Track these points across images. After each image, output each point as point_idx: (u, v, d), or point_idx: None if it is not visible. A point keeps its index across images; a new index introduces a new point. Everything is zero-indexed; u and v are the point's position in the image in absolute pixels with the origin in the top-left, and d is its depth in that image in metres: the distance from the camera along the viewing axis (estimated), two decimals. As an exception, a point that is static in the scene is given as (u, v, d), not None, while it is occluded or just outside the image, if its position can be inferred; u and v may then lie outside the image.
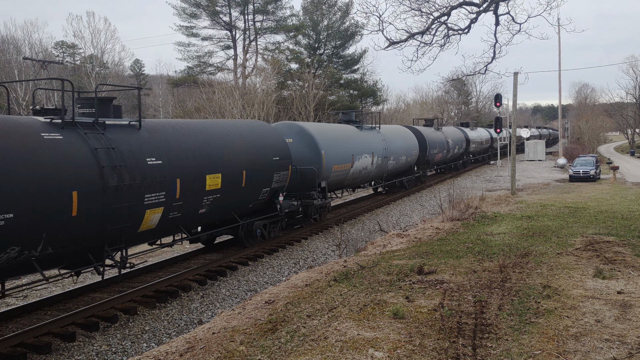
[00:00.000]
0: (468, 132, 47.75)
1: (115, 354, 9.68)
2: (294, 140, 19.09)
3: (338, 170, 20.87)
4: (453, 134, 42.13)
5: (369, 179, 26.00)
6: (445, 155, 38.78)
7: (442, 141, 37.63)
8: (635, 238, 14.42)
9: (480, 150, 53.97)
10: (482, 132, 55.27)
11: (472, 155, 49.94)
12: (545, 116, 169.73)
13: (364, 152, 23.25)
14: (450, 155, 40.85)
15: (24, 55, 46.68)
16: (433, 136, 35.67)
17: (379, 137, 25.86)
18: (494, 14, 15.25)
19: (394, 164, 27.72)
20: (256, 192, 15.76)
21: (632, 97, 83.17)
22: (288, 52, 57.68)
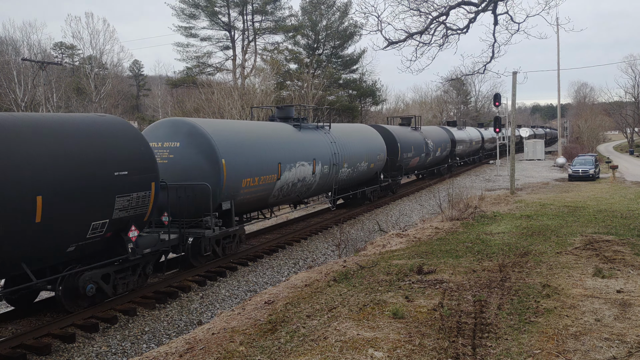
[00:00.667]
0: (454, 132, 42.96)
1: (115, 355, 9.67)
2: (181, 145, 14.14)
3: (253, 186, 15.54)
4: (434, 134, 36.83)
5: (312, 193, 20.35)
6: (424, 159, 33.45)
7: (420, 143, 32.32)
8: (635, 237, 14.43)
9: (469, 152, 49.12)
10: (471, 132, 50.36)
11: (459, 157, 44.97)
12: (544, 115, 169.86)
13: (300, 158, 17.96)
14: (432, 159, 35.76)
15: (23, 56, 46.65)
16: (408, 137, 30.53)
17: (325, 139, 20.39)
18: (493, 13, 15.27)
19: (350, 172, 22.41)
20: (76, 229, 9.94)
21: (630, 96, 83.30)
22: (287, 52, 57.73)
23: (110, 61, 59.10)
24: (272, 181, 16.48)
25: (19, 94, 44.18)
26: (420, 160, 32.92)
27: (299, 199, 20.00)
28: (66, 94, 49.86)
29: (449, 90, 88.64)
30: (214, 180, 13.93)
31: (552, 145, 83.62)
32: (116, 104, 54.97)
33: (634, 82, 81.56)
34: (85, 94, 52.05)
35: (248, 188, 15.43)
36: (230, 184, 14.51)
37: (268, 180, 16.27)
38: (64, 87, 50.20)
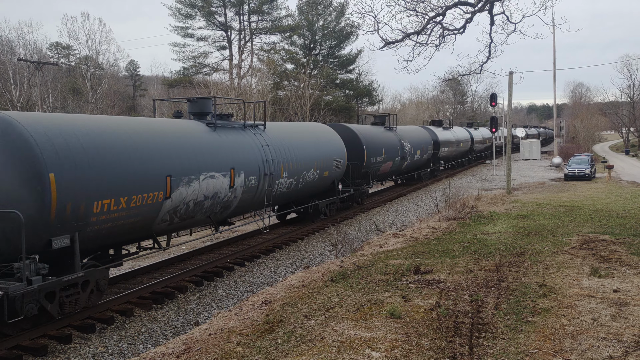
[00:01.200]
0: (438, 133, 38.73)
1: (111, 356, 9.65)
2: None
3: (118, 210, 10.71)
4: (413, 135, 32.57)
5: (234, 212, 15.57)
6: (398, 163, 28.95)
7: (393, 145, 28.03)
8: (631, 236, 14.48)
9: (456, 155, 44.84)
10: (459, 132, 46.36)
11: (443, 161, 41.13)
12: (540, 115, 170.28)
13: (209, 168, 13.32)
14: (409, 163, 31.37)
15: (19, 56, 46.49)
16: (379, 138, 26.45)
17: (254, 142, 15.87)
18: (489, 13, 15.31)
19: (292, 184, 17.88)
20: None
21: (626, 96, 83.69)
22: (283, 52, 57.76)
23: (106, 61, 59.02)
24: (156, 201, 11.62)
25: (15, 94, 44.03)
26: (395, 165, 28.59)
27: (218, 220, 15.22)
28: (62, 94, 49.71)
29: (446, 90, 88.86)
30: (31, 205, 9.23)
31: (548, 145, 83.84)
32: (112, 104, 54.85)
33: (629, 82, 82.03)
34: (81, 94, 51.92)
35: (108, 213, 10.52)
36: (69, 210, 9.69)
37: (148, 200, 11.39)
38: (60, 88, 50.06)
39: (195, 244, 17.75)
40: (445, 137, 40.28)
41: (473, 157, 53.16)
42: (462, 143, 46.03)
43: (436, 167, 38.51)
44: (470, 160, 51.82)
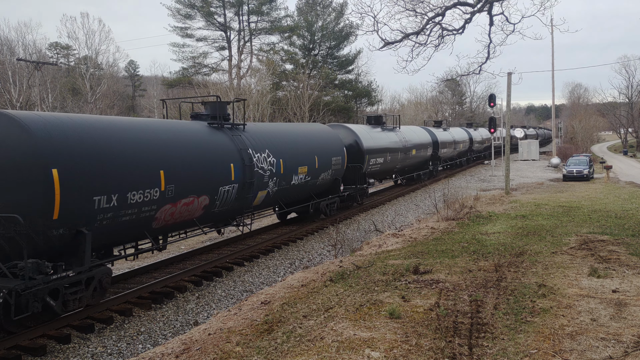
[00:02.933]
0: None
1: (110, 356, 9.64)
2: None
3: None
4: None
5: None
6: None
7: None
8: (629, 237, 14.50)
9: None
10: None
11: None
12: (538, 116, 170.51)
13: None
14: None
15: (18, 56, 46.45)
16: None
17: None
18: (488, 14, 15.32)
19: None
20: None
21: (624, 96, 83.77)
22: (283, 52, 57.77)
23: (105, 61, 59.03)
24: None
25: (14, 94, 43.99)
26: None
27: None
28: (61, 94, 49.68)
29: (444, 90, 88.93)
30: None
31: (546, 146, 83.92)
32: (112, 104, 54.82)
33: (627, 82, 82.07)
34: (80, 95, 51.89)
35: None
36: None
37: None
38: (60, 88, 50.02)
39: (194, 244, 17.74)
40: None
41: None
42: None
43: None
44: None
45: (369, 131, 26.22)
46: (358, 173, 23.78)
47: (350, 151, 22.87)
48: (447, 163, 44.05)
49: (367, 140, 24.66)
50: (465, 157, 48.72)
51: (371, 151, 24.81)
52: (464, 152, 48.25)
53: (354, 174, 23.61)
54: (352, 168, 23.20)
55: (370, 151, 24.70)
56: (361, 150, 23.83)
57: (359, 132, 24.46)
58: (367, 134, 25.43)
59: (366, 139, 24.66)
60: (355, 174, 23.64)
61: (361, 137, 24.19)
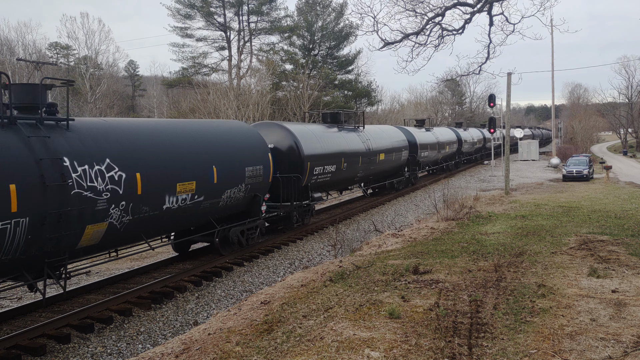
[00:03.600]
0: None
1: (110, 356, 9.64)
2: None
3: None
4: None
5: None
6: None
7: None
8: (629, 237, 14.51)
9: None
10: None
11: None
12: (538, 116, 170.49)
13: None
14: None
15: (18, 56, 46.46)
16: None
17: None
18: (488, 14, 15.33)
19: None
20: None
21: (624, 97, 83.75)
22: (282, 52, 57.74)
23: (105, 61, 59.01)
24: None
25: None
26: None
27: None
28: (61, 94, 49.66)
29: (444, 91, 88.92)
30: None
31: (546, 146, 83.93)
32: (111, 104, 54.83)
33: (627, 83, 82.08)
34: (80, 94, 51.88)
35: None
36: None
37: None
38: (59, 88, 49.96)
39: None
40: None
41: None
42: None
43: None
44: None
45: (315, 132, 20.63)
46: (296, 186, 18.19)
47: (283, 158, 18.00)
48: (430, 168, 38.39)
49: (309, 143, 19.09)
50: (453, 161, 42.97)
51: (315, 157, 19.22)
52: (451, 155, 42.43)
53: (289, 187, 18.15)
54: (286, 180, 18.01)
55: (314, 157, 19.14)
56: (300, 156, 18.29)
57: (298, 133, 18.83)
58: (311, 135, 19.82)
59: (308, 142, 19.07)
60: (291, 187, 18.15)
61: (300, 139, 18.61)
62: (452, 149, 42.74)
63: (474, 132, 53.63)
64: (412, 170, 32.86)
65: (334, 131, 22.67)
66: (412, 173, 33.03)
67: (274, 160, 17.07)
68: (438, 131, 40.49)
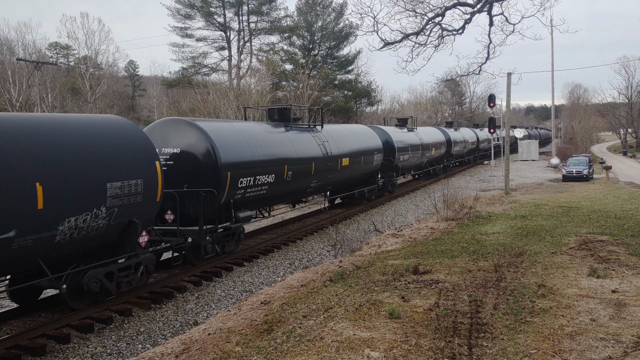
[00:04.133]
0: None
1: (110, 356, 9.64)
2: None
3: None
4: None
5: None
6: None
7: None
8: (629, 237, 14.51)
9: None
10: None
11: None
12: (538, 116, 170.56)
13: None
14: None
15: (18, 56, 46.44)
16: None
17: None
18: (488, 14, 15.33)
19: None
20: None
21: (624, 97, 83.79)
22: (282, 53, 57.73)
23: (105, 61, 59.01)
24: None
25: (14, 94, 43.98)
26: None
27: None
28: (61, 94, 49.69)
29: (444, 91, 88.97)
30: None
31: (546, 146, 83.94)
32: (111, 104, 54.82)
33: (627, 83, 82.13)
34: (80, 94, 51.87)
35: None
36: None
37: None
38: (59, 87, 50.02)
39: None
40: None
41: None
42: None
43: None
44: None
45: (246, 132, 17.57)
46: (210, 204, 14.74)
47: (193, 166, 14.82)
48: (415, 173, 37.67)
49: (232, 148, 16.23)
50: (441, 164, 41.64)
51: (241, 165, 15.80)
52: (439, 159, 40.97)
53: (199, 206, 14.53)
54: (195, 196, 14.59)
55: (239, 166, 15.72)
56: (217, 164, 14.69)
57: (216, 134, 15.91)
58: (237, 136, 16.93)
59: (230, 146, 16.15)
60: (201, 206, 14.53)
61: (218, 142, 15.38)
62: (439, 152, 39.28)
63: (466, 132, 50.66)
64: (388, 177, 28.86)
65: (279, 131, 18.47)
66: (389, 180, 28.89)
67: (181, 170, 14.17)
68: (423, 131, 36.61)
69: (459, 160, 48.02)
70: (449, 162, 43.47)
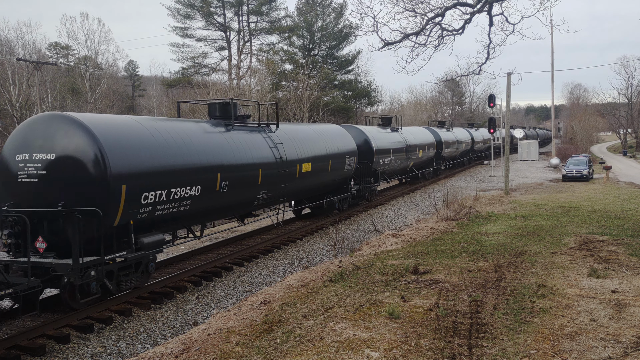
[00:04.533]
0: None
1: (110, 356, 9.64)
2: None
3: None
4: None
5: None
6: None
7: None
8: (629, 237, 14.50)
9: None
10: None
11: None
12: (538, 116, 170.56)
13: None
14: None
15: (18, 56, 46.43)
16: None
17: None
18: (488, 14, 15.32)
19: None
20: None
21: (624, 97, 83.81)
22: (282, 53, 57.78)
23: (105, 61, 58.97)
24: None
25: (14, 94, 43.97)
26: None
27: None
28: (61, 94, 49.65)
29: (444, 91, 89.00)
30: None
31: (546, 146, 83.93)
32: (111, 104, 54.81)
33: (627, 83, 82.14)
34: (80, 94, 51.86)
35: None
36: None
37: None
38: (59, 88, 49.99)
39: (193, 244, 17.73)
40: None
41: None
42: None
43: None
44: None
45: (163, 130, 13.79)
46: (94, 229, 11.02)
47: (73, 178, 10.90)
48: (400, 177, 33.32)
49: (134, 152, 12.05)
50: (431, 168, 38.25)
51: (145, 175, 11.96)
52: (428, 162, 37.50)
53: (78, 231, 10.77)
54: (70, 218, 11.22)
55: (141, 176, 11.88)
56: (105, 174, 10.72)
57: (108, 135, 11.53)
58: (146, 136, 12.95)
59: (131, 149, 11.78)
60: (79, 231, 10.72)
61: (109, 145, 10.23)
62: (428, 154, 35.98)
63: (459, 132, 47.39)
64: (365, 183, 25.34)
65: (216, 131, 15.05)
66: (365, 187, 25.42)
67: (57, 182, 10.79)
68: (408, 132, 33.12)
69: (451, 163, 45.19)
70: (440, 165, 40.05)
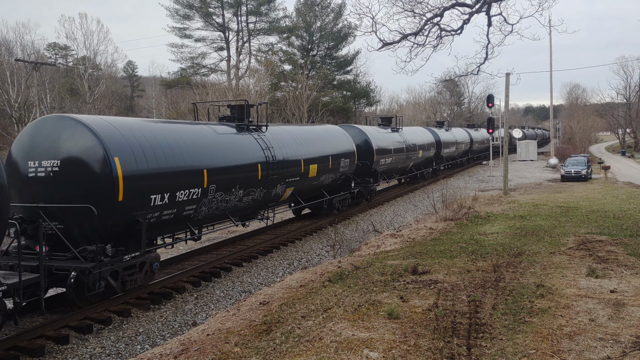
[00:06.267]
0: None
1: (109, 357, 9.63)
2: None
3: None
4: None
5: None
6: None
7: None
8: (627, 237, 14.52)
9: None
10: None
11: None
12: (537, 116, 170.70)
13: None
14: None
15: (16, 56, 46.39)
16: None
17: None
18: (486, 14, 15.33)
19: None
20: None
21: (622, 97, 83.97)
22: (281, 53, 57.78)
23: (104, 62, 59.00)
24: None
25: (12, 94, 43.94)
26: None
27: None
28: (60, 94, 49.64)
29: (443, 91, 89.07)
30: None
31: (544, 146, 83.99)
32: (110, 104, 54.80)
33: (625, 83, 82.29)
34: (79, 95, 51.83)
35: None
36: None
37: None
38: (58, 88, 49.97)
39: (193, 244, 17.73)
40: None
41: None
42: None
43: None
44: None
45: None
46: None
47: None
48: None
49: None
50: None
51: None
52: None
53: None
54: None
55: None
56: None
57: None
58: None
59: None
60: None
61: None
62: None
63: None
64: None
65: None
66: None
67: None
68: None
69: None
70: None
